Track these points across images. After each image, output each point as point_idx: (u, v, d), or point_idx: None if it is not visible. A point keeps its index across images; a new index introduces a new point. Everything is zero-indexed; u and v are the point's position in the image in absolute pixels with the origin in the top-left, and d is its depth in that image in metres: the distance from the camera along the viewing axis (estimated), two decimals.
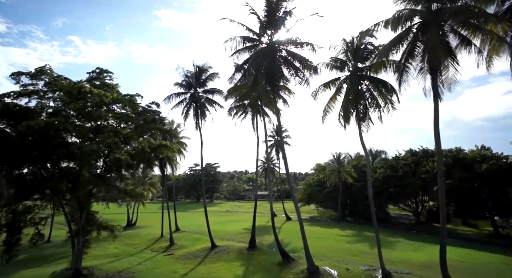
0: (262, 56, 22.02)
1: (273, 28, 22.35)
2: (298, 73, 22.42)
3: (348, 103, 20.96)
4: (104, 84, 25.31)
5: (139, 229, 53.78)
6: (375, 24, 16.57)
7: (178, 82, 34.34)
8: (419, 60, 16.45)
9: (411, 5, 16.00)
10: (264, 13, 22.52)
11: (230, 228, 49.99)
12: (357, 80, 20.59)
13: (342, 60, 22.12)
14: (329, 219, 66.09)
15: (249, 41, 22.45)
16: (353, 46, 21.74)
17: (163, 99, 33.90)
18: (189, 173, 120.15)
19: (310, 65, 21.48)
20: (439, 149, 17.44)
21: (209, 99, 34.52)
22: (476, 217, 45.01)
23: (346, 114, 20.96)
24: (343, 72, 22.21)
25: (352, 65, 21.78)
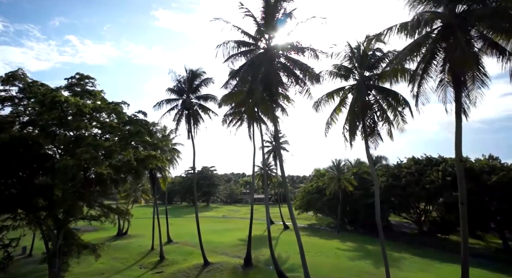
0: (259, 63, 19.81)
1: (271, 31, 20.17)
2: (299, 81, 20.23)
3: (354, 116, 18.79)
4: (85, 91, 23.04)
5: (130, 239, 51.40)
6: (388, 28, 14.39)
7: (170, 87, 32.08)
8: (439, 71, 14.28)
9: (431, 6, 13.85)
10: (261, 15, 20.32)
11: (225, 238, 47.72)
12: (364, 90, 18.43)
13: (347, 67, 19.96)
14: (328, 227, 63.97)
15: (245, 45, 20.22)
16: (359, 52, 19.59)
17: (153, 106, 31.67)
18: (185, 176, 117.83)
19: (311, 73, 19.28)
20: (461, 173, 15.33)
21: (202, 106, 32.29)
22: (484, 229, 42.94)
23: (352, 128, 18.80)
24: (348, 81, 20.06)
25: (359, 73, 19.61)
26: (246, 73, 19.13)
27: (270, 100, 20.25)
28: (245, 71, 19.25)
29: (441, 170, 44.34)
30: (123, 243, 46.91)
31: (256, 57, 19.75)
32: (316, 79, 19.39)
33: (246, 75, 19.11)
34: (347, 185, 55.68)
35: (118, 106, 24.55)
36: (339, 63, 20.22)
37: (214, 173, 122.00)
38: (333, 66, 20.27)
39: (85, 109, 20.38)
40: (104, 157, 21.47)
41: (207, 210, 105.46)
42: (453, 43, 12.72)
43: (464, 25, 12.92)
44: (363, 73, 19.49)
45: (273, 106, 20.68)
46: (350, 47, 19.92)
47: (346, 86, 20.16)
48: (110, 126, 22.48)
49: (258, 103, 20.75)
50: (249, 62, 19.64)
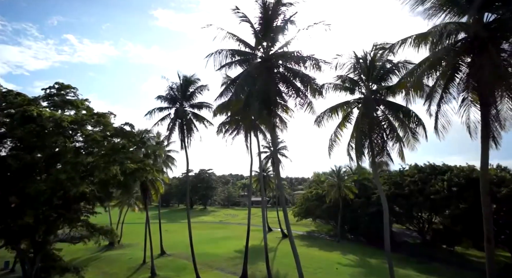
0: (256, 74, 17.89)
1: (270, 39, 18.28)
2: (299, 94, 18.35)
3: (361, 133, 16.90)
4: (66, 101, 21.10)
5: (123, 249, 49.42)
6: (402, 40, 12.52)
7: (162, 95, 30.12)
8: (461, 88, 12.42)
9: (452, 16, 11.98)
10: (258, 21, 18.42)
11: (221, 249, 45.81)
12: (372, 106, 16.57)
13: (353, 79, 18.10)
14: (327, 235, 62.12)
15: (240, 54, 18.30)
16: (366, 63, 17.73)
17: (144, 115, 29.70)
18: (182, 178, 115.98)
19: (313, 86, 17.39)
20: (487, 209, 13.48)
21: (196, 115, 30.34)
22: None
23: (358, 146, 16.93)
24: (353, 94, 18.19)
25: (365, 87, 17.74)
26: (242, 85, 17.22)
27: (268, 113, 18.35)
28: (240, 82, 17.34)
29: (446, 179, 42.52)
30: (115, 254, 44.93)
31: (252, 68, 17.83)
32: (318, 92, 17.51)
33: (242, 87, 17.20)
34: (347, 192, 53.92)
35: (103, 117, 22.66)
36: (344, 75, 18.37)
37: (212, 176, 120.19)
38: (336, 77, 18.41)
39: (64, 123, 18.46)
40: (85, 175, 19.54)
41: (204, 214, 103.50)
42: (482, 57, 10.87)
43: (495, 38, 11.07)
44: (371, 86, 17.63)
45: (271, 119, 18.76)
46: (356, 58, 18.06)
47: (351, 100, 18.29)
48: (93, 140, 20.57)
49: (255, 117, 18.85)
50: (245, 73, 17.73)
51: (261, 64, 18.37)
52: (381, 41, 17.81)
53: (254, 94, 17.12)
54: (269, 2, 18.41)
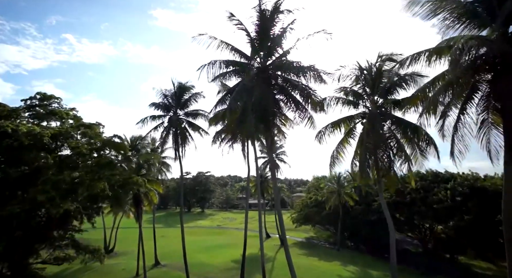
0: (252, 86, 16.52)
1: (267, 48, 16.91)
2: (299, 107, 16.98)
3: (366, 151, 15.56)
4: (49, 112, 19.72)
5: (116, 258, 48.00)
6: (414, 55, 11.22)
7: (155, 102, 28.71)
8: (481, 109, 11.09)
9: (471, 28, 10.66)
10: (255, 29, 17.08)
11: (217, 258, 44.51)
12: (378, 122, 15.22)
13: (357, 92, 16.78)
14: (327, 242, 60.81)
15: (235, 65, 16.93)
16: (370, 75, 16.38)
17: (136, 123, 28.31)
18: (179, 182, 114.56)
19: (314, 99, 16.03)
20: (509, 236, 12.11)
21: (191, 124, 28.96)
22: (496, 254, 39.84)
23: (363, 166, 15.59)
24: (357, 109, 16.84)
25: (370, 101, 16.40)
26: (236, 99, 15.86)
27: (266, 128, 16.98)
28: (235, 96, 15.97)
29: (449, 188, 41.23)
30: (108, 264, 43.29)
31: (248, 79, 16.46)
32: (319, 107, 16.17)
33: (236, 101, 15.84)
34: (347, 199, 52.66)
35: (90, 128, 21.30)
36: (348, 87, 17.03)
37: (210, 178, 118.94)
38: (339, 89, 17.07)
39: (44, 138, 17.08)
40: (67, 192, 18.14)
41: (202, 218, 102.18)
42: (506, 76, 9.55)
43: None
44: (376, 100, 16.30)
45: (269, 134, 17.38)
46: (360, 69, 16.73)
47: (355, 114, 16.96)
48: (78, 153, 19.22)
49: (250, 132, 17.52)
50: (240, 85, 16.36)
51: (258, 75, 17.03)
52: (386, 50, 16.55)
53: (250, 107, 15.77)
54: (267, 9, 17.09)
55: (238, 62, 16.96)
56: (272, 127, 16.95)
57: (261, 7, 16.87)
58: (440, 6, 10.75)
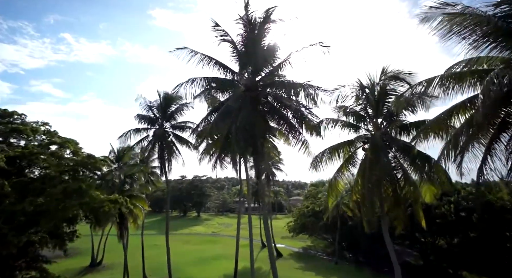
0: (239, 105, 14.48)
1: (256, 63, 14.83)
2: (292, 130, 14.95)
3: (368, 184, 13.53)
4: (13, 130, 17.64)
5: (104, 271, 45.85)
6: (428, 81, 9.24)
7: (140, 114, 26.57)
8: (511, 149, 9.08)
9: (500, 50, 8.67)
10: (242, 41, 15.05)
11: (209, 272, 42.55)
12: (383, 150, 13.18)
13: (358, 114, 14.73)
14: (324, 253, 58.76)
15: (219, 83, 14.87)
16: (373, 95, 14.35)
17: (118, 137, 26.18)
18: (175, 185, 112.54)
19: (309, 123, 14.02)
20: None
21: (178, 137, 26.87)
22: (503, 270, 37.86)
23: (365, 201, 13.54)
24: (358, 132, 14.81)
25: (373, 124, 14.36)
26: (217, 124, 13.83)
27: (255, 151, 14.94)
28: (216, 121, 13.94)
29: (453, 202, 39.25)
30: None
31: (234, 99, 14.37)
32: (315, 131, 14.14)
33: (217, 127, 13.81)
34: (346, 210, 50.63)
35: (64, 146, 19.26)
36: (348, 107, 15.00)
37: (206, 183, 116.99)
38: (337, 109, 15.02)
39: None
40: (27, 225, 16.05)
41: (197, 223, 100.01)
42: None
43: None
44: (380, 124, 14.28)
45: (258, 158, 15.30)
46: (361, 87, 14.69)
47: (356, 138, 14.92)
48: (45, 177, 17.17)
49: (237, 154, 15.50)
50: (223, 108, 14.30)
51: (245, 93, 14.95)
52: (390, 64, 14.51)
53: (235, 131, 13.76)
54: (255, 17, 15.08)
55: (222, 79, 14.90)
56: (261, 151, 14.90)
57: (248, 16, 14.85)
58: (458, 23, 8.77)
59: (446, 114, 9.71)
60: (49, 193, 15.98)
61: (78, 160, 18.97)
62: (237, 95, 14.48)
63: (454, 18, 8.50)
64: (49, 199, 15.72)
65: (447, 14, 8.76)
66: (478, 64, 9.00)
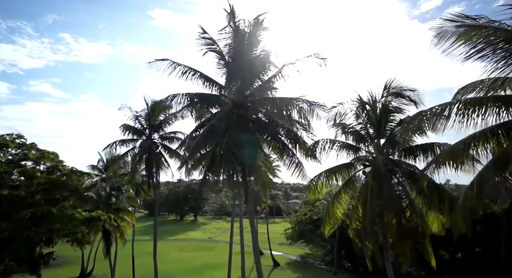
0: (224, 127, 12.94)
1: (244, 76, 13.30)
2: (285, 151, 13.43)
3: (369, 213, 12.00)
4: None
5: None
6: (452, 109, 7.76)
7: (126, 124, 24.90)
8: None
9: None
10: (229, 50, 13.53)
11: None
12: (386, 178, 11.65)
13: (358, 133, 13.20)
14: (323, 262, 57.18)
15: (203, 99, 13.34)
16: (375, 113, 12.84)
17: (103, 149, 24.63)
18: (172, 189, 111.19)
19: (303, 145, 12.53)
20: None
21: (167, 148, 25.31)
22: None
23: (366, 233, 12.02)
24: (357, 154, 13.29)
25: (375, 146, 12.83)
26: (202, 145, 12.31)
27: (243, 180, 13.41)
28: (201, 140, 12.43)
29: None
30: None
31: (219, 118, 12.82)
32: (311, 154, 12.63)
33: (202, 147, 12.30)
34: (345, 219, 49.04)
35: (36, 165, 17.71)
36: (346, 125, 13.48)
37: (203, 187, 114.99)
38: (335, 127, 13.51)
39: None
40: None
41: (193, 228, 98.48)
42: None
43: None
44: (382, 146, 12.75)
45: (247, 189, 13.75)
46: (361, 103, 13.15)
47: (355, 160, 13.37)
48: (11, 200, 15.61)
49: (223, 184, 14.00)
50: (206, 129, 12.78)
51: (233, 110, 13.42)
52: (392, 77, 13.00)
53: (219, 153, 12.23)
54: (244, 25, 13.57)
55: (207, 95, 13.37)
56: (249, 176, 13.37)
57: (236, 23, 13.34)
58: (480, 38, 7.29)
59: (463, 144, 8.23)
60: (15, 219, 14.44)
61: (53, 178, 17.44)
62: (223, 113, 12.94)
63: (476, 33, 7.01)
64: (14, 226, 14.18)
65: (469, 27, 7.29)
66: (503, 88, 7.52)
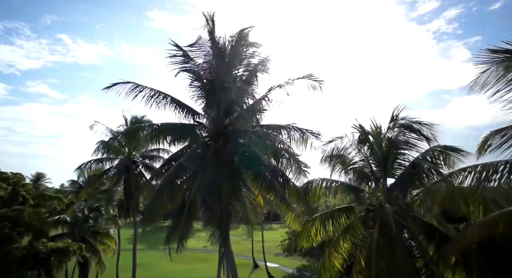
0: (201, 159, 10.73)
1: (224, 100, 10.96)
2: (271, 191, 11.20)
3: (375, 275, 9.77)
4: None
5: None
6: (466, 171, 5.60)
7: (104, 140, 22.58)
8: None
9: None
10: (207, 70, 11.31)
11: None
12: (397, 230, 9.40)
13: (359, 171, 10.96)
14: None
15: (173, 132, 11.08)
16: (380, 147, 10.61)
17: (74, 169, 22.30)
18: None
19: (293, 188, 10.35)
20: None
21: (149, 168, 23.04)
22: None
23: None
24: (359, 196, 11.05)
25: (381, 189, 10.57)
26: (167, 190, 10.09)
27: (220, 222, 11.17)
28: (165, 184, 10.21)
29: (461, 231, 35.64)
30: None
31: (189, 157, 10.54)
32: (302, 199, 10.43)
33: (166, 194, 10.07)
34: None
35: None
36: (346, 158, 11.27)
37: None
38: (331, 164, 11.28)
39: None
40: None
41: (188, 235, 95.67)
42: None
43: None
44: (390, 188, 10.51)
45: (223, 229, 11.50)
46: (362, 133, 10.93)
47: (356, 202, 11.15)
48: None
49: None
50: (175, 166, 10.54)
51: (209, 143, 11.18)
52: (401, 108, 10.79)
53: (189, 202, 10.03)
54: (226, 40, 11.37)
55: (178, 126, 11.12)
56: (227, 220, 11.14)
57: (215, 38, 11.13)
58: None
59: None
60: None
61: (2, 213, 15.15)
62: (193, 150, 10.67)
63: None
64: None
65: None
66: None
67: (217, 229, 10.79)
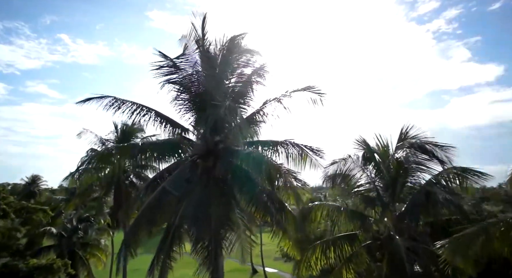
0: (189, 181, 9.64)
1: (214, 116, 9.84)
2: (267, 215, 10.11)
3: None
4: None
5: None
6: None
7: (94, 148, 21.47)
8: None
9: None
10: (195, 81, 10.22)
11: None
12: (408, 265, 8.32)
13: (364, 196, 9.87)
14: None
15: (158, 151, 10.00)
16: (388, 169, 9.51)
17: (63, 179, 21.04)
18: None
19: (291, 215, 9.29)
20: None
21: (141, 178, 21.95)
22: None
23: None
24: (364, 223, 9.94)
25: (389, 216, 9.47)
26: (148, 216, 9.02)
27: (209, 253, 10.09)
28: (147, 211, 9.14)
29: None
30: None
31: (174, 181, 9.42)
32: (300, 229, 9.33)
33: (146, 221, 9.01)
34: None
35: None
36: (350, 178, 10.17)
37: None
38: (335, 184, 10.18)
39: None
40: None
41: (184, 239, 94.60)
42: None
43: None
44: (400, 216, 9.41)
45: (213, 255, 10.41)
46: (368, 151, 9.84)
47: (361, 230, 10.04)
48: None
49: None
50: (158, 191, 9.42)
51: (199, 161, 10.08)
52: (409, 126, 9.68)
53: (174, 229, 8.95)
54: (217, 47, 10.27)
55: (164, 144, 10.04)
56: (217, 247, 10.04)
57: (204, 46, 10.03)
58: None
59: None
60: None
61: None
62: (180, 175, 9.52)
63: None
64: None
65: None
66: None
67: (206, 260, 9.67)
